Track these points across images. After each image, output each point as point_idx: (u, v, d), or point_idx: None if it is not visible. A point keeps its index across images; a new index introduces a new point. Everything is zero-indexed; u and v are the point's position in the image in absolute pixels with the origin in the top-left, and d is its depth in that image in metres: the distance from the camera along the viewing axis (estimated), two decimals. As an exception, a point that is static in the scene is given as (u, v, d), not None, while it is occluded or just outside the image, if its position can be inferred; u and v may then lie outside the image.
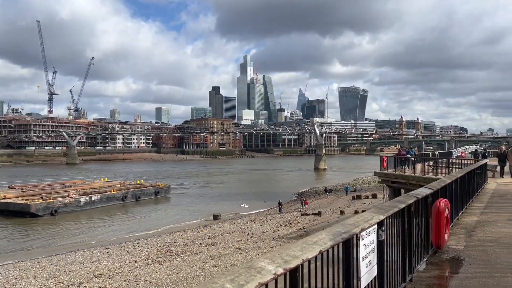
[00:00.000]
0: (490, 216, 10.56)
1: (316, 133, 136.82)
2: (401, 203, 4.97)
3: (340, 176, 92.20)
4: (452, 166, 25.79)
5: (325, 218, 38.79)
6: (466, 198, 12.24)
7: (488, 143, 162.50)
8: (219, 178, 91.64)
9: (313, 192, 64.41)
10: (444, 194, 8.02)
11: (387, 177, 28.40)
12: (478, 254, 6.80)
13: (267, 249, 26.05)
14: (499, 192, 16.23)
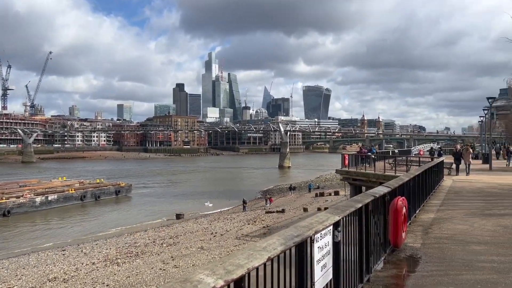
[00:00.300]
0: (446, 213, 10.78)
1: (281, 131, 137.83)
2: (358, 203, 4.86)
3: (304, 173, 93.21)
4: (411, 164, 26.48)
5: (288, 215, 38.97)
6: (424, 195, 12.47)
7: (444, 141, 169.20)
8: (183, 176, 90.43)
9: (277, 190, 64.72)
10: (402, 192, 8.05)
11: (349, 174, 28.80)
12: (434, 252, 6.85)
13: (230, 248, 25.80)
14: (454, 189, 16.72)
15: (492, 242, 7.41)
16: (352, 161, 30.12)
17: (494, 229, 8.62)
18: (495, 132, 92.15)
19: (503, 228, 8.75)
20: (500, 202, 12.99)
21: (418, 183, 11.05)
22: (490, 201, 13.20)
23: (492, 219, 9.77)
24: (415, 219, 9.92)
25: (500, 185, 18.15)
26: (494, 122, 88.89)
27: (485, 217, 10.06)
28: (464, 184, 18.40)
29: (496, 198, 13.85)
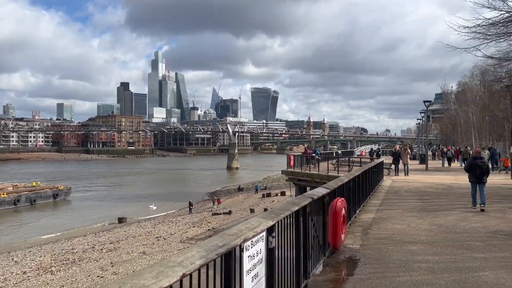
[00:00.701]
0: (385, 213, 10.97)
1: (229, 132, 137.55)
2: (295, 205, 4.65)
3: (252, 174, 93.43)
4: (353, 165, 27.19)
5: (235, 217, 38.71)
6: (364, 196, 12.66)
7: (385, 142, 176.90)
8: (127, 178, 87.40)
9: (225, 191, 64.29)
10: (342, 193, 8.02)
11: (294, 175, 29.05)
12: (373, 253, 6.83)
13: (174, 252, 25.08)
14: (393, 189, 17.23)
15: (428, 242, 7.54)
16: (297, 162, 30.44)
17: (429, 228, 8.83)
18: (431, 134, 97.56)
19: (438, 227, 8.99)
20: (435, 201, 13.49)
21: (358, 184, 11.17)
22: (426, 200, 13.67)
23: (428, 218, 10.04)
24: (355, 219, 9.98)
25: (435, 184, 18.99)
26: (430, 125, 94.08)
27: (421, 216, 10.33)
28: (403, 184, 19.04)
29: (431, 197, 14.39)
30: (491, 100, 41.07)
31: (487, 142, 47.77)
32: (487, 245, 7.22)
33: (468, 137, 61.39)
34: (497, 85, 31.22)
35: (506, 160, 30.33)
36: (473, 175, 11.65)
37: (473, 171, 11.68)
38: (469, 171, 11.88)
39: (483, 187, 11.54)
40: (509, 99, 21.38)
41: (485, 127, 49.76)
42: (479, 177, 11.52)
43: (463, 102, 63.47)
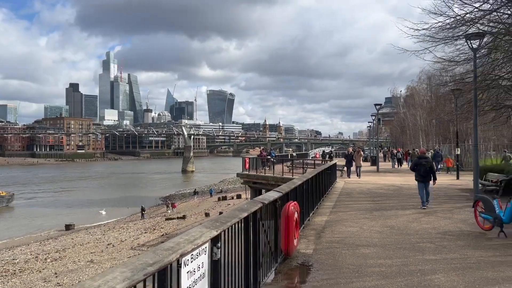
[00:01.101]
0: (338, 215, 10.92)
1: (184, 135, 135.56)
2: (244, 212, 4.33)
3: (208, 177, 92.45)
4: (307, 167, 27.38)
5: (189, 221, 37.93)
6: (318, 198, 12.60)
7: (338, 145, 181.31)
8: (76, 183, 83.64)
9: (179, 195, 63.09)
10: (295, 196, 7.80)
11: (249, 178, 28.83)
12: (326, 258, 6.64)
13: (124, 260, 24.04)
14: (346, 190, 17.37)
15: (380, 244, 7.48)
16: (252, 165, 30.26)
17: (381, 230, 8.81)
18: (381, 136, 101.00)
19: (390, 229, 8.99)
20: (387, 202, 13.67)
21: (312, 186, 11.05)
22: (377, 201, 13.82)
23: (380, 220, 10.07)
24: (309, 222, 9.83)
25: (386, 185, 19.40)
26: (380, 128, 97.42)
27: (373, 218, 10.35)
28: (355, 186, 19.29)
29: (383, 199, 14.59)
30: (437, 103, 42.99)
31: (434, 144, 49.99)
32: (438, 246, 7.24)
33: (416, 139, 63.99)
34: (443, 89, 32.67)
35: (448, 161, 32.03)
36: (418, 174, 12.33)
37: (418, 170, 12.35)
38: (414, 170, 12.53)
39: (427, 185, 12.24)
40: (454, 102, 22.26)
41: (432, 130, 52.01)
42: (423, 175, 12.21)
43: (411, 106, 66.10)
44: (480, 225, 8.56)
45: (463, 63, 15.63)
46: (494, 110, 18.14)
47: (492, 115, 19.21)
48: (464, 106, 19.51)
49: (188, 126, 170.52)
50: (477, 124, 13.83)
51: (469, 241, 7.67)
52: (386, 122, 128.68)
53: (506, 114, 17.98)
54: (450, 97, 30.69)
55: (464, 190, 17.49)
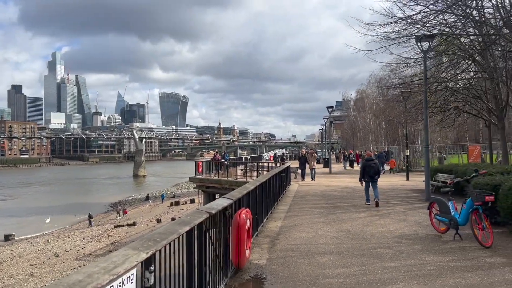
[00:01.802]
0: (293, 220, 10.50)
1: (135, 139, 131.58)
2: (185, 225, 3.71)
3: (161, 182, 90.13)
4: (261, 169, 26.99)
5: (140, 228, 36.44)
6: (272, 202, 12.15)
7: (291, 147, 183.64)
8: (19, 190, 78.50)
9: (130, 201, 60.81)
10: (247, 203, 7.26)
11: (202, 182, 28.01)
12: (280, 269, 6.13)
13: (67, 272, 22.46)
14: (300, 193, 17.09)
15: (337, 252, 7.08)
16: (206, 168, 29.47)
17: (337, 236, 8.46)
18: (333, 139, 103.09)
19: (346, 233, 8.66)
20: (341, 205, 13.46)
21: (266, 190, 10.58)
22: (332, 204, 13.59)
23: (335, 224, 9.75)
24: (263, 228, 9.32)
25: (339, 187, 19.35)
26: (332, 130, 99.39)
27: (328, 222, 10.02)
28: (309, 188, 19.08)
29: (337, 201, 14.39)
30: (386, 106, 44.17)
31: (383, 145, 51.41)
32: (395, 252, 6.95)
33: (366, 141, 65.68)
34: (392, 92, 33.56)
35: (392, 162, 33.27)
36: (367, 175, 13.20)
37: (367, 172, 13.19)
38: (363, 172, 13.38)
39: (376, 185, 13.11)
40: (403, 105, 22.73)
41: (381, 132, 53.50)
42: (372, 176, 13.11)
43: (361, 109, 67.84)
44: (436, 227, 8.42)
45: (413, 65, 15.86)
46: (441, 112, 18.64)
47: (439, 117, 19.73)
48: (414, 108, 19.94)
49: (139, 130, 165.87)
50: (427, 125, 13.97)
51: (426, 244, 7.46)
52: (337, 125, 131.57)
53: (453, 115, 18.49)
54: (399, 100, 31.60)
55: (415, 190, 17.74)
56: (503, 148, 15.13)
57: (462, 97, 17.11)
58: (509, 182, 8.34)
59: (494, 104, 15.19)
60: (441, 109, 18.04)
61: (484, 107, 16.60)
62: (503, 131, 15.19)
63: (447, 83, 16.72)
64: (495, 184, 8.90)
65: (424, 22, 13.31)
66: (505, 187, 8.23)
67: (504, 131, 15.43)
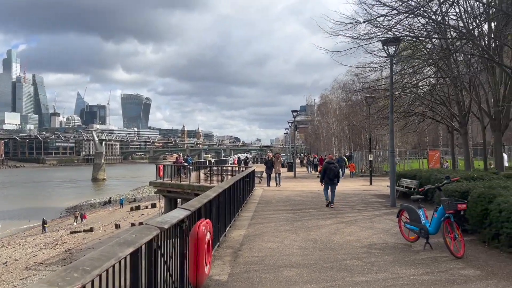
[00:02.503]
0: (258, 228, 9.96)
1: (95, 141, 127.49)
2: (128, 246, 3.06)
3: (121, 186, 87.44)
4: (225, 174, 26.37)
5: (97, 234, 34.87)
6: (236, 209, 11.58)
7: (256, 151, 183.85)
8: (-34, 195, 73.81)
9: (88, 206, 58.49)
10: (208, 212, 6.66)
11: (163, 186, 27.05)
12: (243, 286, 5.56)
13: (15, 283, 20.94)
14: (265, 198, 16.59)
15: (304, 264, 6.59)
16: (167, 172, 28.49)
17: (304, 246, 7.99)
18: (297, 143, 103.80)
19: (313, 243, 8.21)
20: (306, 211, 13.07)
21: (229, 196, 10.00)
22: (297, 210, 13.17)
23: (301, 232, 9.29)
24: (225, 238, 8.72)
25: (304, 192, 19.02)
26: (296, 134, 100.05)
27: (294, 230, 9.55)
28: (274, 193, 18.64)
29: (302, 207, 14.00)
30: (350, 111, 44.66)
31: (345, 150, 51.98)
32: (366, 264, 6.54)
33: (330, 146, 66.32)
34: (355, 97, 33.93)
35: (351, 166, 33.94)
36: (327, 177, 13.94)
37: (328, 174, 13.93)
38: (324, 174, 14.13)
39: (334, 188, 13.90)
40: (367, 110, 22.79)
41: (344, 137, 54.12)
42: (332, 179, 13.85)
43: (325, 114, 68.53)
44: (405, 236, 8.11)
45: (378, 69, 15.79)
46: (405, 117, 18.73)
47: (403, 122, 19.84)
48: (378, 113, 19.97)
49: (99, 131, 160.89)
50: (393, 130, 13.85)
51: (397, 255, 7.10)
52: (301, 129, 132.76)
53: (416, 121, 18.61)
54: (363, 105, 32.02)
55: (379, 196, 17.66)
56: (466, 154, 15.31)
57: (426, 103, 17.23)
58: (478, 189, 8.17)
59: (457, 110, 15.36)
60: (405, 114, 18.12)
61: (447, 113, 16.78)
62: (465, 136, 15.39)
63: (411, 88, 16.80)
64: (463, 191, 8.73)
65: (390, 26, 13.19)
66: (474, 194, 8.04)
67: (466, 137, 15.63)
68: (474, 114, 15.65)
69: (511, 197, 7.09)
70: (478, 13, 12.62)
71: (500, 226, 7.02)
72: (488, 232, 7.45)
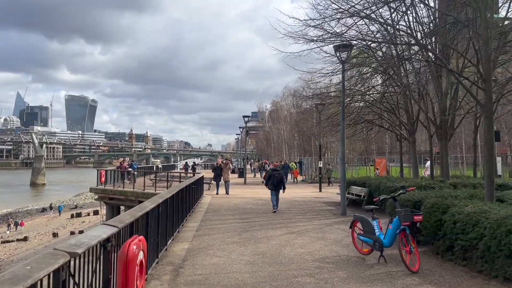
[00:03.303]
0: (203, 240, 9.21)
1: (35, 143, 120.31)
2: (16, 285, 2.27)
3: (62, 191, 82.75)
4: (172, 180, 25.30)
5: (32, 244, 32.35)
6: (180, 218, 10.76)
7: (207, 156, 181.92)
8: None
9: (24, 212, 54.53)
10: (144, 226, 5.85)
11: (105, 193, 25.47)
12: (182, 314, 4.82)
13: None
14: (213, 207, 15.84)
15: (253, 283, 5.95)
16: (110, 178, 26.89)
17: (252, 260, 7.36)
18: (248, 149, 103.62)
19: (262, 256, 7.60)
20: (256, 220, 12.48)
21: (172, 206, 9.18)
22: (246, 220, 12.55)
23: (250, 245, 8.66)
24: (166, 253, 7.90)
25: (254, 199, 18.46)
26: (247, 140, 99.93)
27: (243, 243, 8.91)
28: (223, 201, 17.94)
29: (252, 216, 13.40)
30: (300, 118, 44.92)
31: (295, 156, 52.27)
32: (319, 281, 6.01)
33: (280, 152, 66.59)
34: (305, 105, 34.12)
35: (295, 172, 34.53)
36: (272, 184, 14.53)
37: (272, 180, 14.55)
38: (268, 180, 14.80)
39: (278, 194, 14.53)
40: (316, 117, 22.70)
41: (294, 143, 54.45)
42: (276, 185, 14.48)
43: (276, 120, 68.84)
44: (358, 249, 7.71)
45: (330, 75, 15.62)
46: (354, 125, 18.75)
47: (352, 130, 19.86)
48: (329, 120, 19.88)
49: (40, 134, 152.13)
50: (344, 137, 13.64)
51: (350, 270, 6.64)
52: (252, 135, 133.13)
53: (366, 128, 18.67)
54: (313, 111, 32.27)
55: (329, 203, 17.48)
56: (413, 162, 15.49)
57: (375, 110, 17.32)
58: (431, 199, 7.96)
59: (406, 118, 15.52)
60: (355, 121, 18.14)
61: (396, 121, 16.95)
62: (413, 145, 15.57)
63: (361, 96, 16.81)
64: (415, 201, 8.52)
65: (341, 32, 13.01)
66: (428, 204, 7.82)
67: (414, 145, 15.82)
68: (422, 123, 15.90)
69: (465, 207, 6.88)
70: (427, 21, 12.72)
71: (455, 238, 6.79)
72: (442, 244, 7.21)
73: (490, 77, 8.10)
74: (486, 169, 8.19)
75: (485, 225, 6.04)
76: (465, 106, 15.48)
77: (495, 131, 16.13)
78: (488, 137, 8.04)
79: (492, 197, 8.03)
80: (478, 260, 6.17)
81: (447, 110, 14.38)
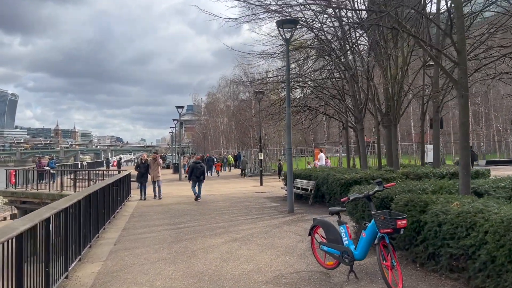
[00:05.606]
0: (121, 258, 7.16)
1: None
2: None
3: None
4: (96, 178, 22.56)
5: None
6: (94, 230, 8.59)
7: (140, 151, 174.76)
8: None
9: None
10: (34, 245, 3.78)
11: (16, 196, 22.06)
12: None
13: None
14: (140, 210, 13.64)
15: (183, 333, 4.11)
16: (23, 178, 23.41)
17: (185, 285, 5.51)
18: (184, 143, 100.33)
19: (197, 280, 5.75)
20: (190, 224, 10.58)
21: (80, 215, 7.07)
22: (179, 224, 10.61)
23: (183, 261, 6.79)
24: (67, 282, 5.80)
25: (189, 198, 16.46)
26: (183, 134, 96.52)
27: (173, 259, 7.00)
28: (153, 202, 15.77)
29: (186, 219, 11.47)
30: (238, 109, 43.25)
31: (234, 149, 50.65)
32: (279, 321, 4.30)
33: (218, 145, 64.60)
34: (244, 94, 32.50)
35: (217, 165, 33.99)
36: (194, 175, 15.97)
37: (194, 173, 15.98)
38: (191, 172, 16.13)
39: (201, 184, 16.05)
40: (255, 107, 21.13)
41: (232, 135, 52.78)
42: (198, 176, 15.93)
43: (213, 112, 66.68)
44: (320, 261, 6.12)
45: (272, 57, 14.05)
46: (297, 112, 17.38)
47: (294, 118, 18.46)
48: (271, 108, 18.33)
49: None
50: (290, 125, 12.12)
51: (316, 295, 5.02)
52: (188, 129, 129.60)
53: (309, 116, 17.40)
54: (251, 101, 30.88)
55: (272, 199, 16.01)
56: (362, 151, 14.42)
57: (320, 96, 16.06)
58: (403, 195, 6.58)
59: (353, 104, 14.38)
60: (298, 109, 16.78)
61: (342, 108, 15.80)
62: (362, 133, 14.47)
63: (305, 81, 15.48)
64: (383, 197, 7.13)
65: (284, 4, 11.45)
66: (400, 201, 6.42)
67: (363, 133, 14.75)
68: (369, 110, 14.89)
69: (451, 205, 5.52)
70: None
71: (440, 244, 5.41)
72: (422, 251, 5.83)
73: (465, 48, 6.90)
74: (462, 158, 6.99)
75: (485, 229, 4.70)
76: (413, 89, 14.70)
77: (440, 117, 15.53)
78: (464, 120, 6.84)
79: (468, 190, 6.86)
80: (476, 274, 4.82)
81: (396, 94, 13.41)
